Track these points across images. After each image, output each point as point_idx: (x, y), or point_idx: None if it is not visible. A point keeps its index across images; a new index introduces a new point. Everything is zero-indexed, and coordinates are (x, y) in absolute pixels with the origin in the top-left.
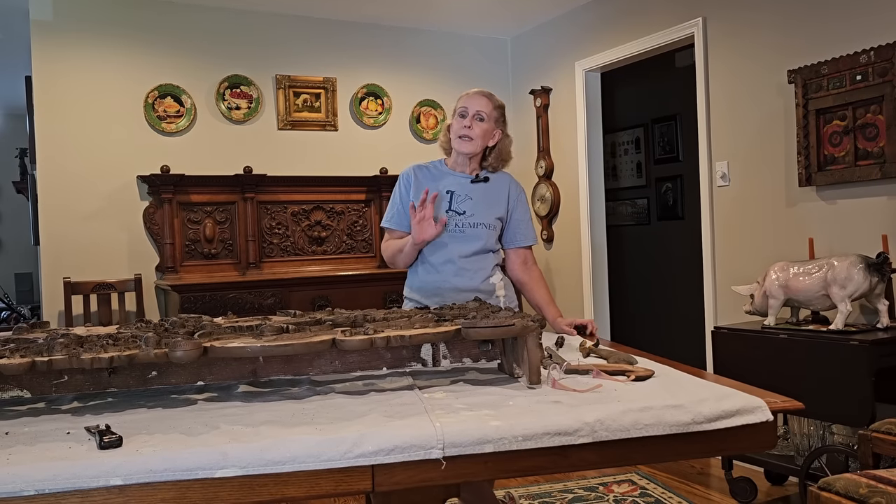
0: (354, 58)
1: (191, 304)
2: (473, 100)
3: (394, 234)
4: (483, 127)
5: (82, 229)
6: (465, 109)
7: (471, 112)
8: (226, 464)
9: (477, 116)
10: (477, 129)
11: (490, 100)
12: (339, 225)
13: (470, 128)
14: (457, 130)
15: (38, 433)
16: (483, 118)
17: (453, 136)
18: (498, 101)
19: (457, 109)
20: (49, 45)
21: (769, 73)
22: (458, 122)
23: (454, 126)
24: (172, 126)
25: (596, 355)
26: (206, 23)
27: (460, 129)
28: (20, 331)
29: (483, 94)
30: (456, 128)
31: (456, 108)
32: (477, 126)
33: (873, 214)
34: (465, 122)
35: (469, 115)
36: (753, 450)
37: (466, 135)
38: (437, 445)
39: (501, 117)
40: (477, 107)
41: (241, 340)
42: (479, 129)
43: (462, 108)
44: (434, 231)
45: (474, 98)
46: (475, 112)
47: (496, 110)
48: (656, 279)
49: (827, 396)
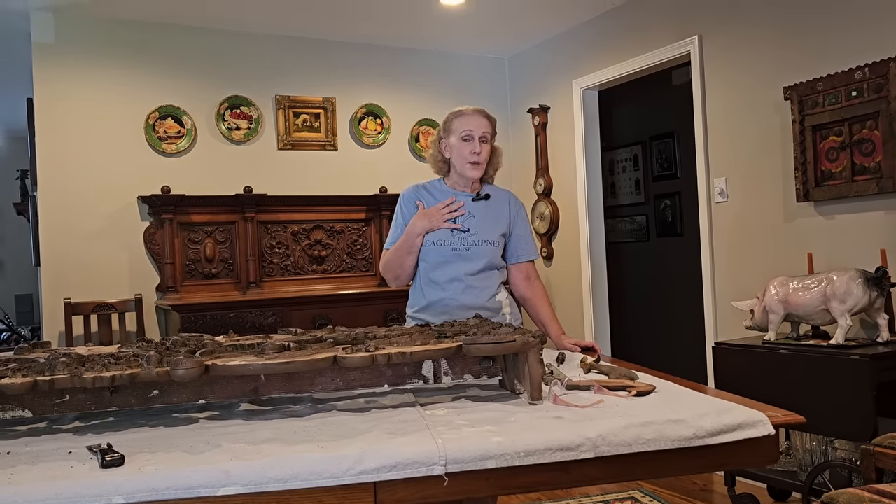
0: (353, 78)
1: (191, 323)
2: (475, 121)
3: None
4: (487, 149)
5: (83, 250)
6: (469, 133)
7: (476, 135)
8: (228, 482)
9: (482, 139)
10: (485, 152)
11: (489, 119)
12: (339, 244)
13: (479, 153)
14: (466, 156)
15: (39, 453)
16: (487, 139)
17: (460, 161)
18: (493, 117)
19: (455, 130)
20: (50, 67)
21: (765, 90)
22: (465, 147)
23: (460, 150)
24: (173, 147)
25: (597, 371)
26: (207, 45)
27: (470, 155)
28: (22, 351)
29: (481, 113)
30: (464, 153)
31: (451, 127)
32: (484, 149)
33: (871, 229)
34: (475, 148)
35: (476, 139)
36: (756, 464)
37: (477, 160)
38: (440, 462)
39: (495, 132)
40: (481, 129)
41: (243, 358)
42: (486, 152)
43: (466, 132)
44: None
45: (475, 119)
46: (481, 135)
47: (493, 127)
48: (656, 295)
49: (828, 411)
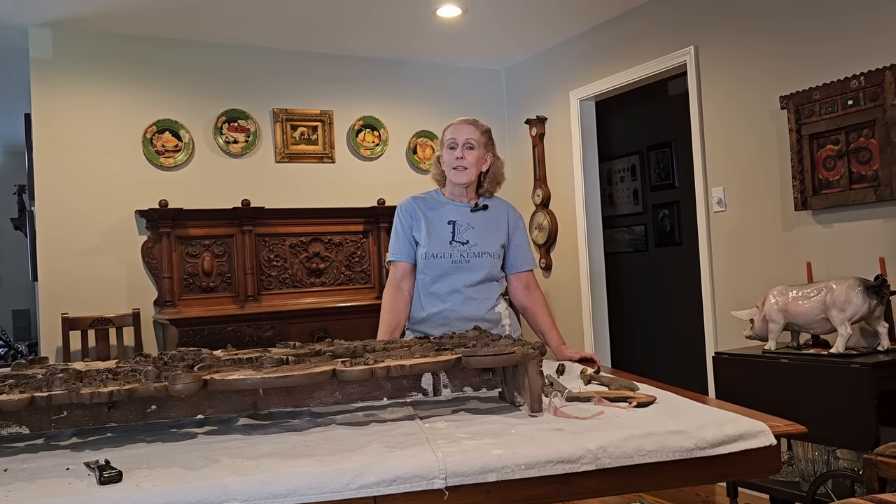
0: (350, 90)
1: (189, 337)
2: (460, 129)
3: (398, 267)
4: (475, 154)
5: (80, 264)
6: (453, 141)
7: (460, 142)
8: (227, 497)
9: (467, 145)
10: (469, 157)
11: (476, 126)
12: (337, 256)
13: (462, 158)
14: (450, 162)
15: (37, 469)
16: (473, 146)
17: (447, 168)
18: (483, 125)
19: (444, 141)
20: (48, 82)
21: (762, 100)
22: (449, 155)
23: (446, 158)
24: (170, 161)
25: (597, 382)
26: (204, 59)
27: (453, 161)
28: (19, 367)
29: (467, 121)
30: (448, 160)
31: (443, 139)
32: (469, 154)
33: (870, 237)
34: (457, 154)
35: (459, 146)
36: (758, 475)
37: (460, 165)
38: (440, 475)
39: (490, 141)
40: (465, 135)
41: (241, 373)
42: (472, 157)
43: (450, 139)
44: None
45: (460, 127)
46: (464, 141)
47: (483, 135)
48: (655, 305)
49: (830, 421)
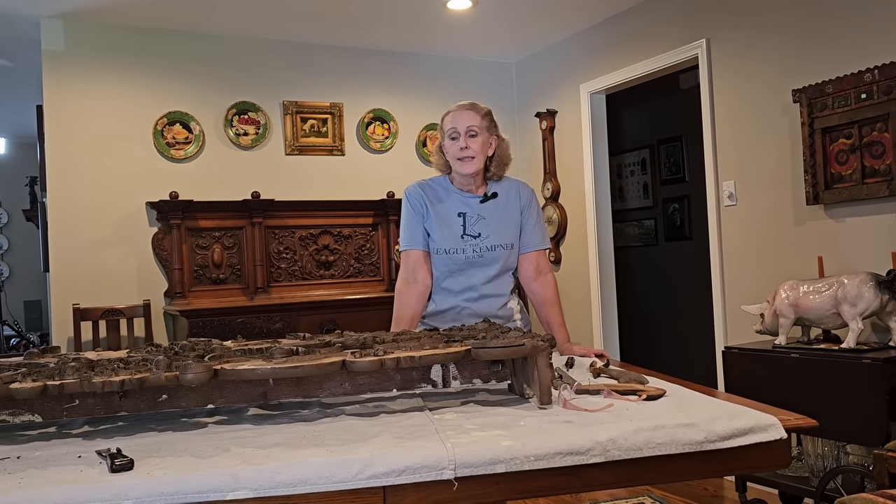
0: (360, 83)
1: (199, 329)
2: (460, 116)
3: (411, 255)
4: (479, 141)
5: (92, 256)
6: (454, 130)
7: (462, 130)
8: (237, 486)
9: (469, 133)
10: (474, 145)
11: (475, 111)
12: (346, 249)
13: (466, 147)
14: (454, 153)
15: (49, 457)
16: (475, 133)
17: (452, 160)
18: (483, 108)
19: (445, 130)
20: (60, 74)
21: (774, 93)
22: (452, 145)
23: (450, 149)
24: (181, 153)
25: (606, 375)
26: (214, 51)
27: (458, 152)
28: (31, 356)
29: (466, 107)
30: (453, 151)
31: (443, 128)
32: (473, 143)
33: (882, 232)
34: (461, 143)
35: (462, 134)
36: (768, 468)
37: (466, 155)
38: (449, 466)
39: (492, 123)
40: (466, 123)
41: (252, 363)
42: (476, 145)
43: (451, 129)
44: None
45: (460, 114)
46: (466, 129)
47: (485, 118)
48: (665, 299)
49: (840, 416)
